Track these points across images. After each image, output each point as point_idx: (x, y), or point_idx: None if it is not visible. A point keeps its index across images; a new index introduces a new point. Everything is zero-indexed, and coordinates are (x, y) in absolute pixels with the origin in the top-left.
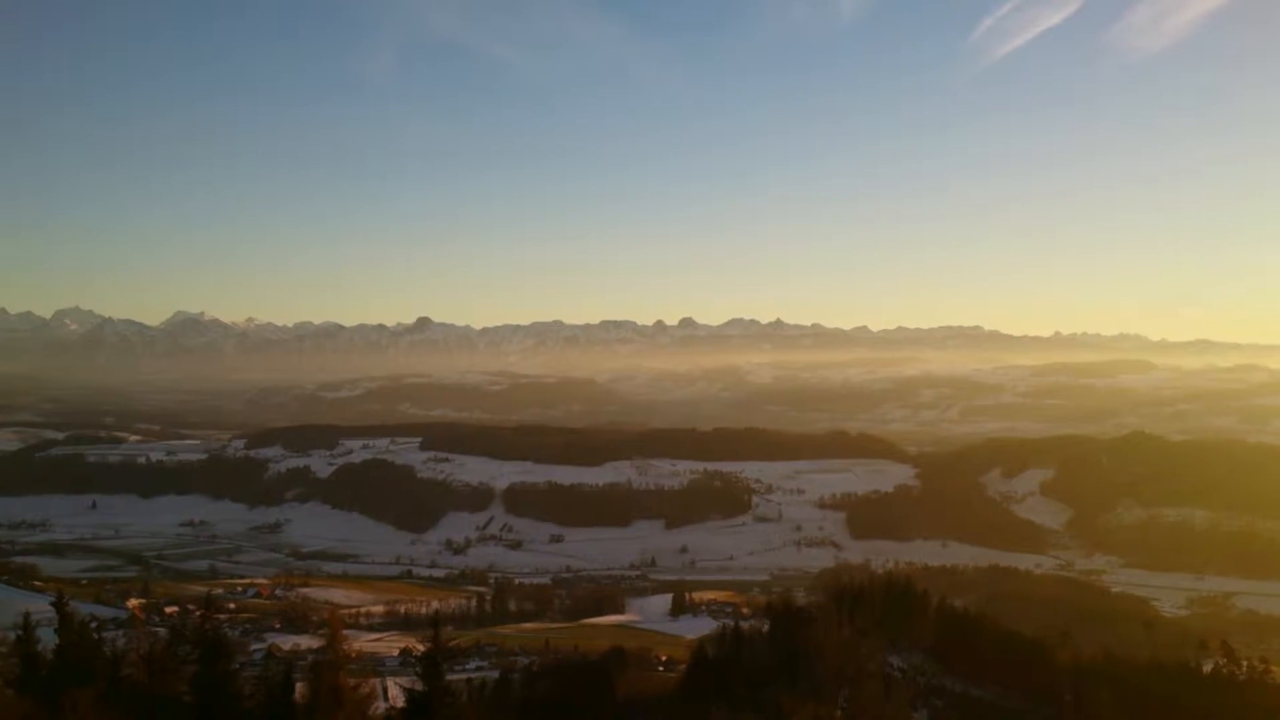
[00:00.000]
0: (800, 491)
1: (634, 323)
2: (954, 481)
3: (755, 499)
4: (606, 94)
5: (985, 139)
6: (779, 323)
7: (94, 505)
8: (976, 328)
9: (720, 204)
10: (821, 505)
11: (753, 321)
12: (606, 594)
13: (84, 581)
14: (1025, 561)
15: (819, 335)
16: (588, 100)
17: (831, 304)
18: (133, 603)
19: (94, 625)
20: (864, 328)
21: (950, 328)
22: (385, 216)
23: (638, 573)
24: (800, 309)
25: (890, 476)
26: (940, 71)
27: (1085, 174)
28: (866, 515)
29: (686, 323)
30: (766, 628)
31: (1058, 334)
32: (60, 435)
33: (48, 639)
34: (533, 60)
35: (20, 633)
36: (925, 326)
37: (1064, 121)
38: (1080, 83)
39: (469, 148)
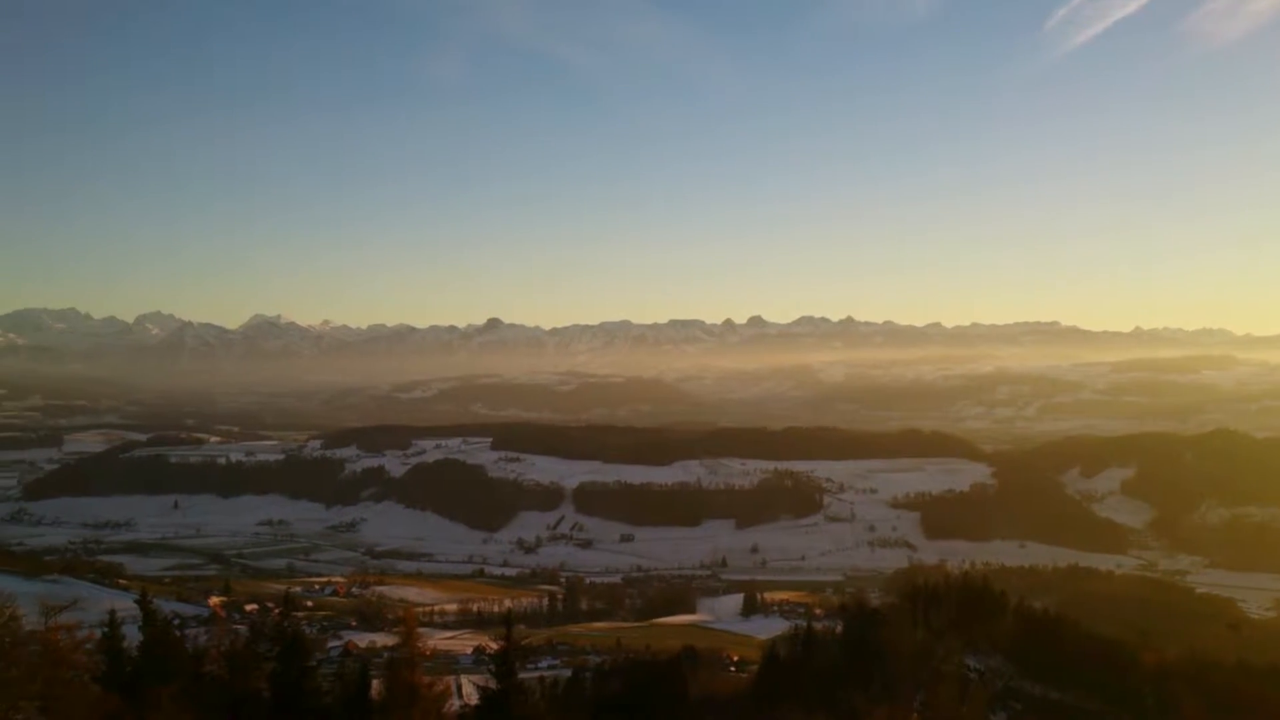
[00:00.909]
0: (873, 491)
1: (702, 322)
2: (1032, 480)
3: (827, 498)
4: (672, 92)
5: (1060, 131)
6: (850, 320)
7: (176, 505)
8: (1054, 323)
9: (789, 201)
10: (895, 505)
11: (823, 319)
12: (677, 593)
13: (167, 580)
14: (1106, 562)
15: (891, 332)
16: (653, 99)
17: (903, 300)
18: (214, 600)
19: (176, 622)
20: (937, 324)
21: (1026, 324)
22: (455, 219)
23: (708, 572)
24: (871, 306)
25: (965, 476)
26: (1013, 63)
27: (1163, 166)
28: (941, 515)
29: (755, 321)
30: (840, 628)
31: (1138, 329)
32: (143, 437)
33: (132, 636)
34: (598, 60)
35: (106, 630)
36: (1000, 322)
37: (1141, 112)
38: (1158, 72)
39: (537, 149)
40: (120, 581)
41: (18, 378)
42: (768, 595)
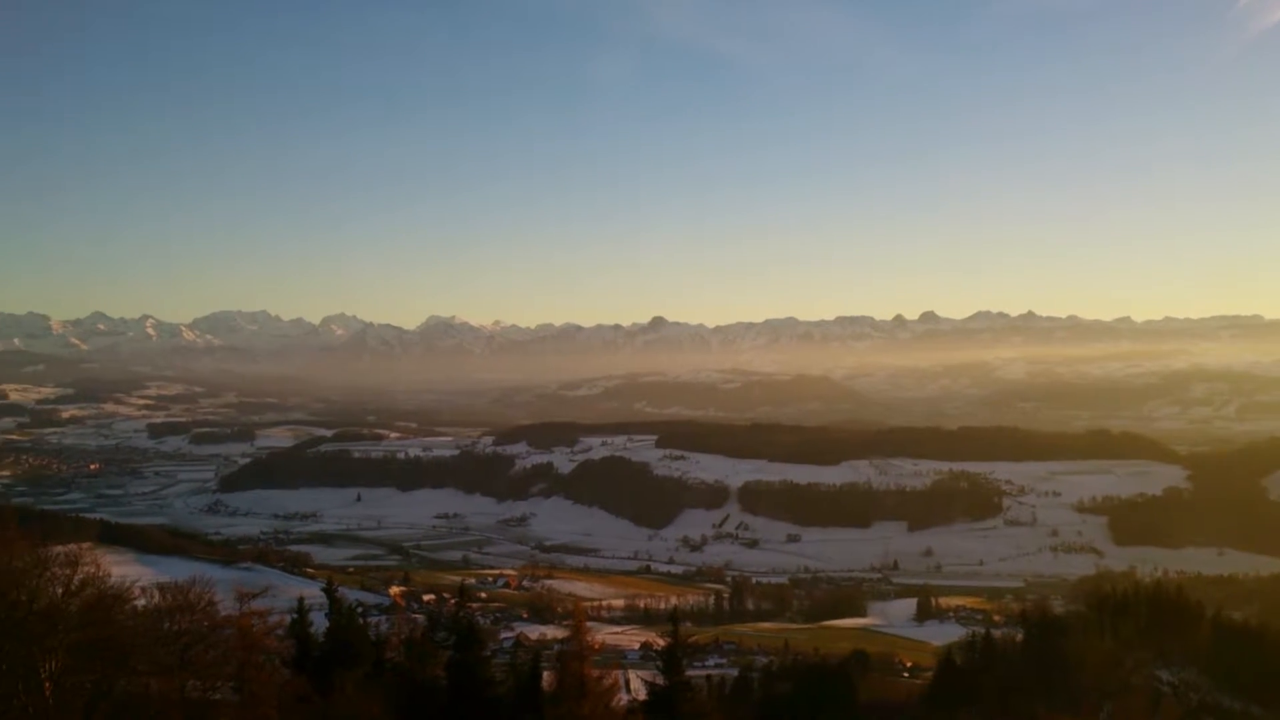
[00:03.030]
0: (1056, 494)
1: (871, 318)
2: (1231, 484)
3: (1006, 501)
4: (839, 83)
5: (1255, 114)
6: (1030, 315)
7: (359, 498)
8: (1255, 317)
9: (961, 193)
10: (1080, 509)
11: (1001, 314)
12: (846, 596)
13: (350, 569)
14: None
15: (1075, 327)
16: (820, 91)
17: (1089, 293)
18: (394, 590)
19: (360, 610)
20: (1126, 319)
21: (1224, 317)
22: (620, 218)
23: (879, 575)
24: (1054, 300)
25: (1157, 478)
26: (1203, 43)
27: None
28: (1131, 520)
29: (928, 317)
30: (1020, 636)
31: None
32: (328, 432)
33: (319, 623)
34: (762, 53)
35: (295, 616)
36: (1195, 316)
37: None
38: None
39: (701, 145)
40: (308, 570)
41: (214, 376)
42: (942, 600)
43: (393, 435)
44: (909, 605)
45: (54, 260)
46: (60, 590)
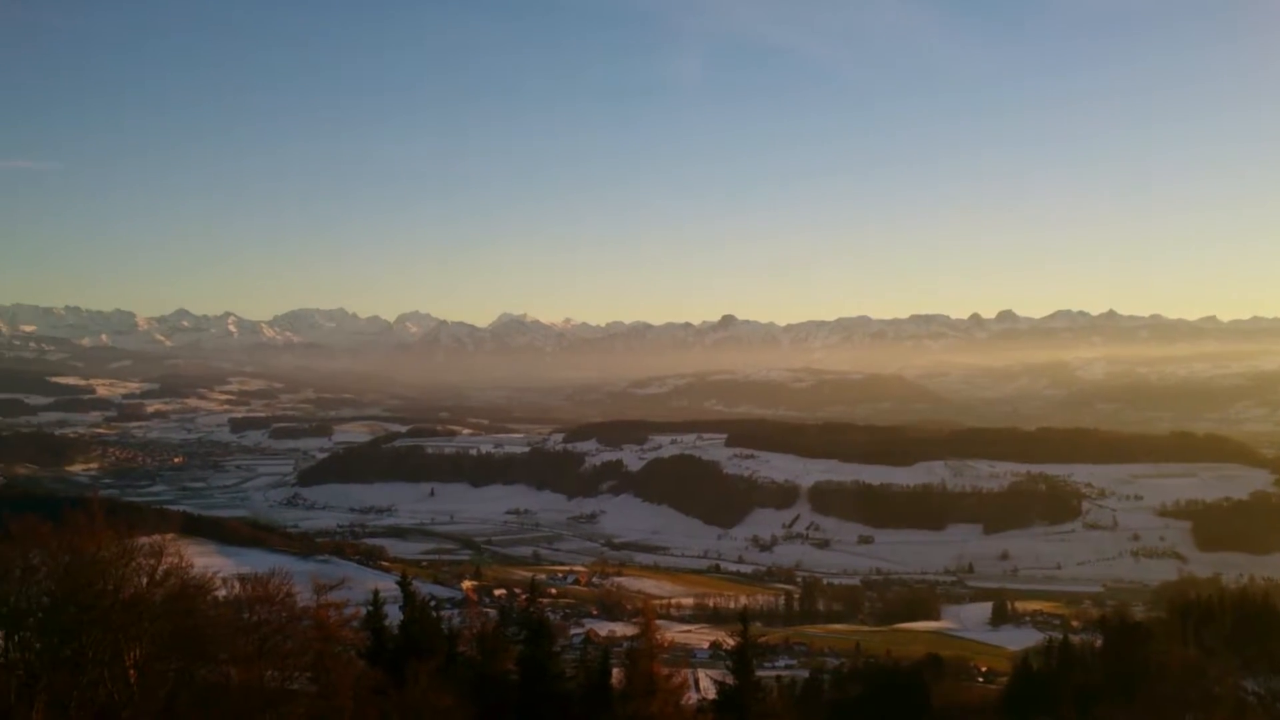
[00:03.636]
0: (1137, 497)
1: (946, 316)
2: None
3: (1085, 504)
4: (914, 79)
5: None
6: (1112, 314)
7: (432, 493)
8: None
9: (1040, 189)
10: (1162, 513)
11: (1081, 313)
12: (919, 598)
13: (424, 563)
14: None
15: (1158, 327)
16: (895, 86)
17: (1173, 292)
18: (466, 584)
19: (433, 604)
20: (1211, 318)
21: None
22: (690, 217)
23: (953, 578)
24: (1136, 298)
25: (1244, 482)
26: None
27: None
28: (1215, 524)
29: (1005, 315)
30: (1099, 642)
31: None
32: (403, 428)
33: (393, 615)
34: (837, 50)
35: (371, 608)
36: None
37: None
38: None
39: (772, 143)
40: (382, 563)
41: (293, 373)
42: (1019, 604)
43: (465, 431)
44: (984, 609)
45: (140, 259)
46: (145, 580)
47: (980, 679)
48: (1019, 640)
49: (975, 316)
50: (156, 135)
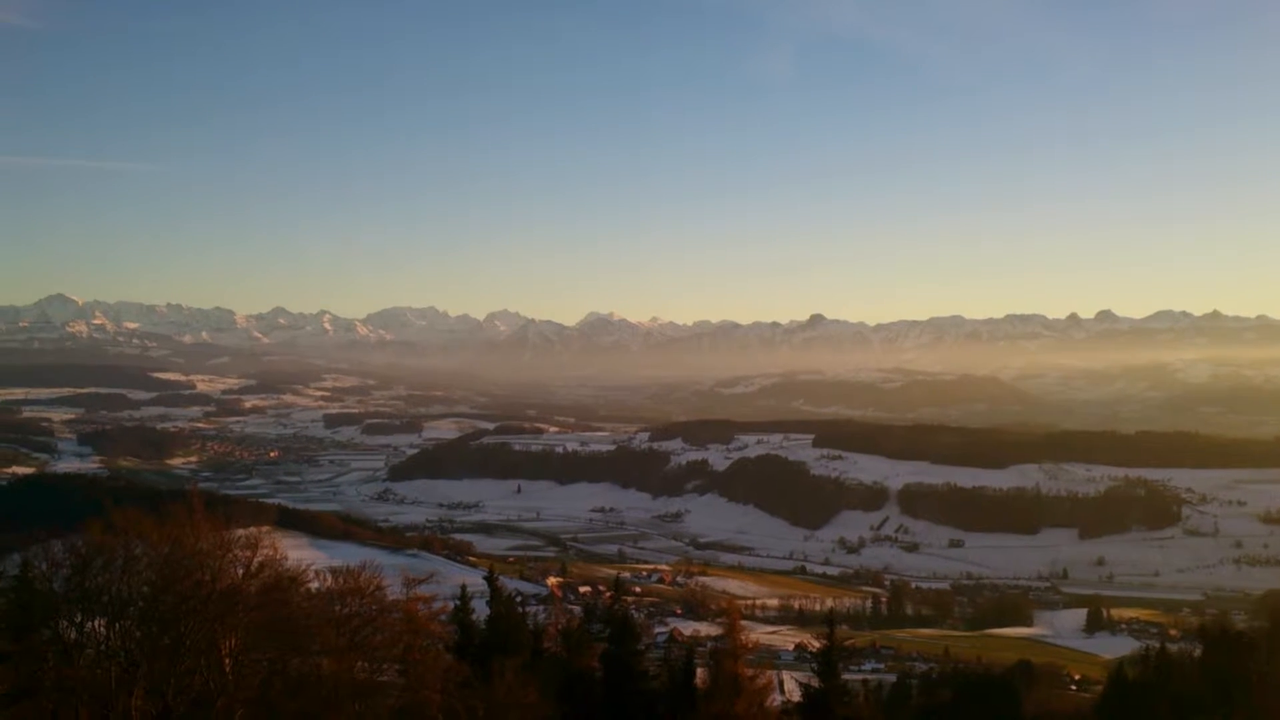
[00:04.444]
0: (1241, 504)
1: (1043, 316)
2: None
3: (1186, 510)
4: (1016, 73)
5: None
6: (1215, 314)
7: (518, 489)
8: None
9: (1139, 185)
10: (1267, 520)
11: (1183, 314)
12: (1011, 604)
13: (510, 559)
14: None
15: (1265, 328)
16: (995, 81)
17: None
18: (551, 581)
19: (519, 600)
20: None
21: None
22: (778, 216)
23: (1046, 584)
24: (1242, 298)
25: None
26: None
27: None
28: None
29: (1104, 315)
30: (1199, 652)
31: None
32: (491, 425)
33: (480, 610)
34: (934, 45)
35: (458, 603)
36: None
37: None
38: None
39: (865, 141)
40: (470, 559)
41: (385, 370)
42: (1114, 612)
43: (552, 429)
44: (1078, 616)
45: (240, 259)
46: (241, 571)
47: (1073, 687)
48: (1114, 648)
49: (1073, 316)
50: (255, 139)
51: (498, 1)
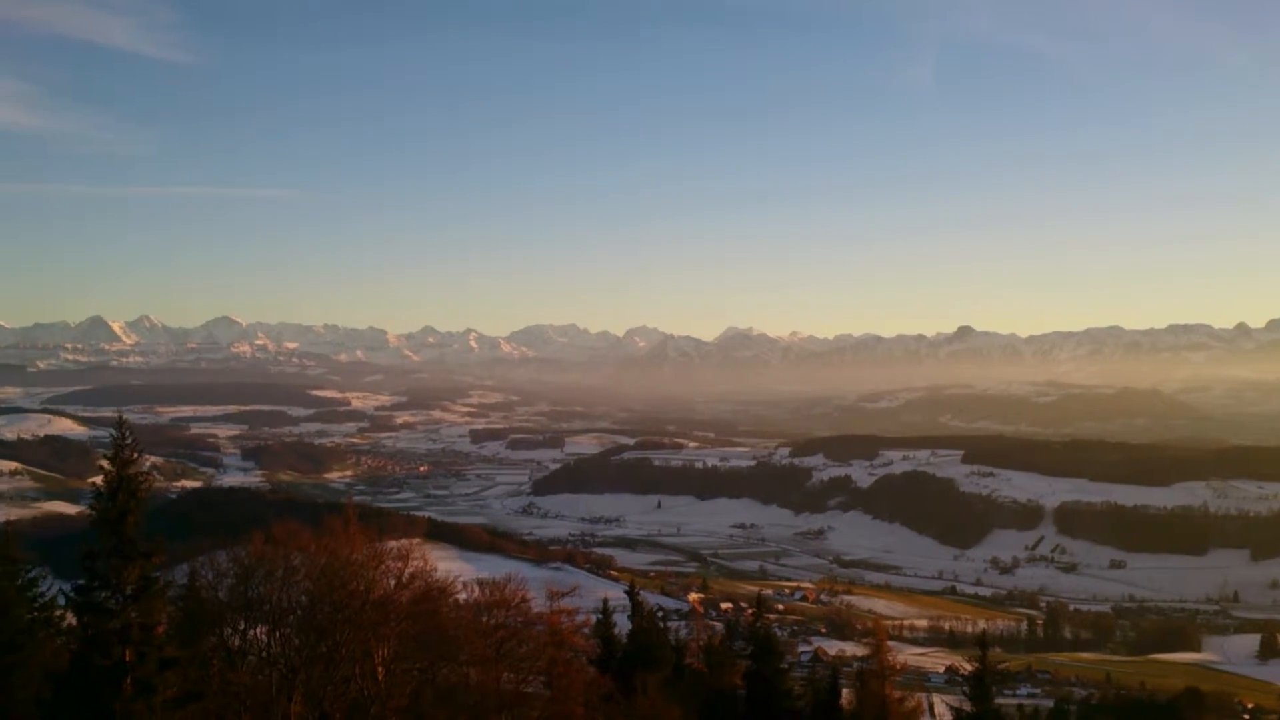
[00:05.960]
0: None
1: (1209, 326)
2: None
3: None
4: (1165, 73)
5: None
6: None
7: (659, 505)
8: None
9: None
10: None
11: None
12: (1177, 628)
13: (651, 574)
14: None
15: None
16: (1144, 83)
17: None
18: (693, 596)
19: (660, 615)
20: None
21: None
22: (921, 224)
23: (1215, 607)
24: None
25: None
26: None
27: None
28: None
29: (1276, 324)
30: None
31: None
32: (631, 441)
33: (622, 624)
34: (1077, 49)
35: (601, 616)
36: None
37: None
38: None
39: (1010, 149)
40: (611, 573)
41: (528, 386)
42: None
43: (691, 444)
44: (1251, 641)
45: (392, 281)
46: (393, 582)
47: (1246, 716)
48: None
49: (1242, 325)
50: (408, 166)
51: (626, 17)
